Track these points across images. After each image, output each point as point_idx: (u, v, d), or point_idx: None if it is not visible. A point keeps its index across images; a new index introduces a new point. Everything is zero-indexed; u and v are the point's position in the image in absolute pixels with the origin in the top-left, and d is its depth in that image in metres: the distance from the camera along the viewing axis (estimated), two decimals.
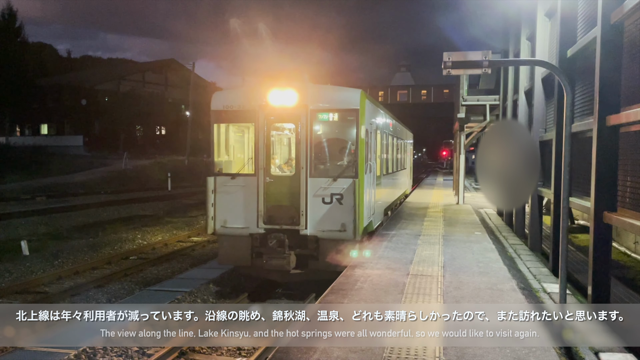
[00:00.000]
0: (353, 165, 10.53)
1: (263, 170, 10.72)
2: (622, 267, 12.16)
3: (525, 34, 15.02)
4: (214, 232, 11.09)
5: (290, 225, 10.53)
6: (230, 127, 11.76)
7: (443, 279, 8.52)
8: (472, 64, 6.92)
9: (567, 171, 6.37)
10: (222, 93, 11.60)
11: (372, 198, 11.78)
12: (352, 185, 10.25)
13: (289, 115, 10.72)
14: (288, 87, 10.53)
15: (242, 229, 10.82)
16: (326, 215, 10.39)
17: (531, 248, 12.56)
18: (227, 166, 11.50)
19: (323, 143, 11.12)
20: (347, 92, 10.80)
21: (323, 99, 10.66)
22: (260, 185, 10.69)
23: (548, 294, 8.16)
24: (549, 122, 12.04)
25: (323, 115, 10.63)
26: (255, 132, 10.85)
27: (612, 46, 7.31)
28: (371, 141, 11.63)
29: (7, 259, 13.87)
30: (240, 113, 10.99)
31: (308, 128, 10.54)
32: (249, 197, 10.76)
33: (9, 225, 19.00)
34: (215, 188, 10.96)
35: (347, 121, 10.66)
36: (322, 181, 10.49)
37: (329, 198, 10.41)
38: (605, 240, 7.55)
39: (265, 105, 10.65)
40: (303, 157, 10.55)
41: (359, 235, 10.30)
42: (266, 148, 10.78)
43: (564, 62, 9.78)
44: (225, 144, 11.73)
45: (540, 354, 5.33)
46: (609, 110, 7.31)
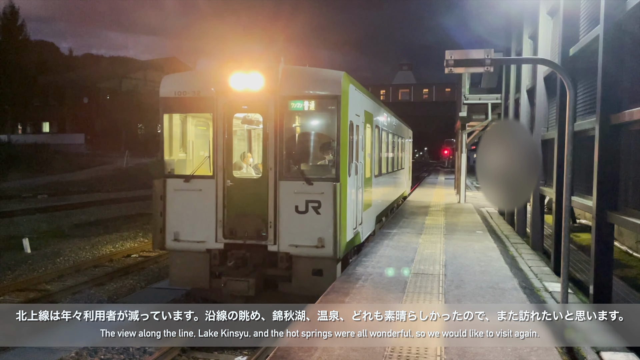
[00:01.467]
0: (333, 166, 8.75)
1: (223, 172, 8.91)
2: (624, 267, 12.12)
3: (528, 33, 14.97)
4: (163, 247, 9.24)
5: (256, 239, 8.76)
6: (190, 118, 9.93)
7: (444, 277, 8.50)
8: (474, 62, 6.89)
9: (569, 170, 6.35)
10: (173, 76, 9.62)
11: (359, 205, 10.08)
12: (332, 191, 8.36)
13: (255, 104, 8.94)
14: (252, 70, 8.61)
15: (197, 243, 9.02)
16: (300, 228, 8.55)
17: (533, 247, 12.53)
18: (183, 167, 9.70)
19: (297, 138, 9.44)
20: (326, 75, 8.86)
21: (297, 84, 8.77)
22: (219, 190, 8.90)
23: (550, 293, 8.13)
24: (551, 120, 12.00)
25: (297, 104, 8.79)
26: (214, 125, 9.02)
27: (614, 45, 7.28)
28: (358, 136, 9.89)
29: (8, 257, 13.88)
30: (195, 101, 9.11)
31: (278, 119, 8.69)
32: (206, 205, 8.96)
33: (11, 223, 19.02)
34: (165, 193, 9.16)
35: (327, 111, 8.88)
36: (295, 185, 8.61)
37: (304, 206, 8.56)
38: (607, 239, 7.52)
39: (225, 92, 8.79)
40: (271, 156, 8.70)
41: (340, 252, 8.57)
42: (226, 144, 8.94)
43: (566, 61, 9.75)
44: (182, 139, 9.92)
45: (542, 353, 5.31)
46: (611, 109, 7.29)
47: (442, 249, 10.93)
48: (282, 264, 8.69)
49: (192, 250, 9.07)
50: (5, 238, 16.26)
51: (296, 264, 8.66)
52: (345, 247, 8.96)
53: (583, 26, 9.36)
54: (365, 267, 9.15)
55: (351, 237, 9.40)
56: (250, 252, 8.72)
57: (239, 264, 8.66)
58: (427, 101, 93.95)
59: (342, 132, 8.63)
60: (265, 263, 8.81)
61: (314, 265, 8.61)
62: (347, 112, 8.78)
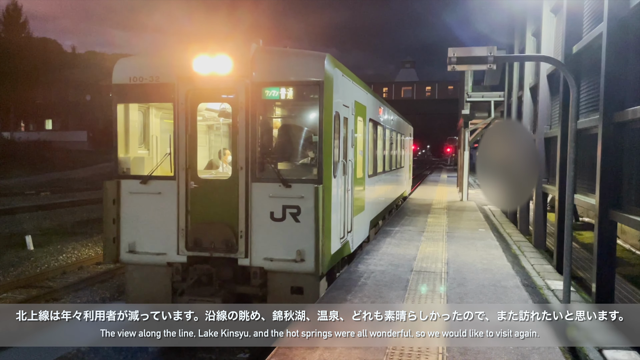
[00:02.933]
0: (315, 165, 7.55)
1: (186, 172, 7.65)
2: (626, 265, 12.08)
3: (531, 30, 14.91)
4: (116, 259, 7.99)
5: (225, 251, 7.49)
6: (154, 109, 8.70)
7: (447, 275, 8.49)
8: (477, 59, 6.87)
9: (572, 168, 6.32)
10: (129, 59, 8.26)
11: (347, 209, 8.87)
12: (313, 194, 7.13)
13: (222, 92, 7.73)
14: (219, 52, 7.38)
15: (157, 255, 7.78)
16: (276, 238, 7.36)
17: (535, 245, 12.50)
18: (144, 166, 8.36)
19: (272, 132, 8.33)
20: (307, 58, 7.58)
21: (273, 68, 7.52)
22: (181, 193, 7.65)
23: (552, 291, 8.11)
24: (554, 118, 11.96)
25: (272, 91, 7.47)
26: (175, 116, 7.76)
27: (618, 42, 7.24)
28: (347, 131, 8.73)
29: (11, 254, 13.91)
30: (154, 88, 7.82)
31: (249, 110, 7.44)
32: (166, 210, 7.73)
33: (14, 220, 19.07)
34: (119, 197, 7.93)
35: (308, 100, 7.69)
36: (270, 188, 7.37)
37: (281, 212, 7.33)
38: (610, 237, 7.50)
39: (188, 77, 7.57)
40: (242, 153, 7.48)
41: (324, 267, 7.38)
42: (190, 139, 7.70)
43: (569, 58, 9.70)
44: (143, 134, 8.70)
45: (544, 352, 5.29)
46: (614, 106, 7.25)
47: (444, 247, 10.91)
48: (255, 280, 7.46)
49: (150, 264, 7.86)
50: (8, 235, 16.31)
51: (272, 280, 7.49)
52: (331, 260, 7.77)
53: (586, 23, 9.31)
54: (367, 265, 9.14)
55: (338, 248, 8.19)
56: (218, 266, 7.51)
57: (203, 281, 7.42)
58: (430, 99, 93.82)
59: (325, 125, 7.38)
60: (235, 279, 7.58)
61: (292, 282, 7.43)
62: (331, 102, 7.58)
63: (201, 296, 7.21)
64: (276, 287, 7.45)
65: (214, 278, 7.43)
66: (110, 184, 7.92)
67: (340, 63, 8.21)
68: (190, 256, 7.62)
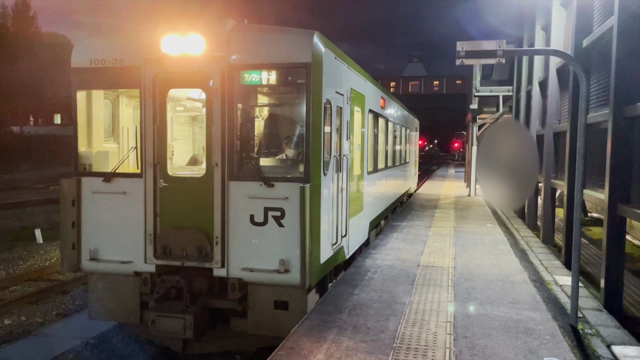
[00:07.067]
0: (302, 161, 6.52)
1: (154, 169, 6.70)
2: (635, 260, 12.02)
3: (540, 24, 14.81)
4: (76, 268, 7.06)
5: (198, 260, 6.54)
6: (124, 97, 7.77)
7: (454, 270, 8.48)
8: (485, 53, 6.82)
9: (582, 163, 6.27)
10: (89, 40, 7.17)
11: (342, 211, 7.92)
12: (299, 195, 6.16)
13: (195, 76, 6.62)
14: (191, 31, 6.42)
15: (122, 264, 6.84)
16: (257, 246, 6.43)
17: (543, 240, 12.45)
18: (107, 161, 7.24)
19: (253, 122, 7.47)
20: (292, 36, 6.53)
21: (252, 49, 6.52)
22: (148, 193, 6.70)
23: (560, 286, 8.07)
24: (564, 113, 11.89)
25: (252, 75, 6.45)
26: (142, 103, 6.76)
27: (629, 36, 7.17)
28: (341, 121, 7.78)
29: (21, 247, 14.04)
30: (118, 72, 6.81)
31: (226, 96, 6.47)
32: (132, 213, 6.79)
33: (23, 214, 19.23)
34: (80, 197, 6.98)
35: (294, 85, 6.64)
36: (250, 187, 6.42)
37: (262, 216, 6.39)
38: (619, 232, 7.46)
39: (156, 59, 6.59)
40: (217, 147, 6.50)
41: (312, 278, 6.40)
42: (159, 131, 6.73)
43: (579, 52, 9.63)
44: (112, 125, 7.77)
45: (552, 347, 5.28)
46: (625, 101, 7.20)
47: (452, 242, 10.89)
48: (233, 293, 6.50)
49: (115, 273, 6.95)
50: (17, 229, 16.45)
51: (252, 294, 6.56)
52: (321, 270, 6.86)
53: (597, 17, 9.24)
54: (374, 260, 9.14)
55: (329, 256, 7.24)
56: (190, 277, 6.56)
57: (172, 294, 6.45)
58: (438, 93, 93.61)
59: (314, 115, 6.41)
60: (210, 293, 6.69)
61: (276, 296, 6.49)
62: (320, 87, 6.61)
63: (170, 312, 6.36)
64: (257, 302, 6.54)
65: (185, 290, 6.45)
66: (69, 182, 6.93)
67: (332, 43, 7.17)
68: (160, 265, 6.69)
